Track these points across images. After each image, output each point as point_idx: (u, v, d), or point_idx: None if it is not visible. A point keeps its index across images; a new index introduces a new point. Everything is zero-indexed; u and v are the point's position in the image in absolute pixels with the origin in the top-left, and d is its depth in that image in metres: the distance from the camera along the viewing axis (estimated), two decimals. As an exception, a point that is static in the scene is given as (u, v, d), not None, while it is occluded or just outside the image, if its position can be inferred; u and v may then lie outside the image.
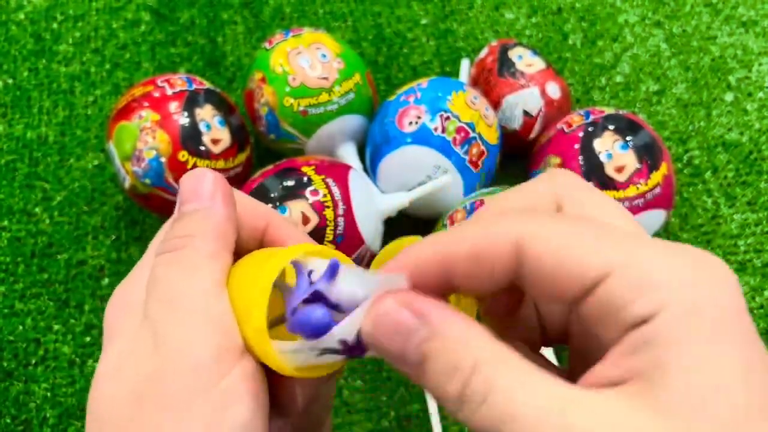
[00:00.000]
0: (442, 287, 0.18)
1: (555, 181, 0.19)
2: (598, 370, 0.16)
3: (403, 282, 0.17)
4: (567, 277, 0.16)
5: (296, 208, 0.35)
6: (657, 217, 0.37)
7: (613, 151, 0.37)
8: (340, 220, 0.35)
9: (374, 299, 0.17)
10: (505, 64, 0.43)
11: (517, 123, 0.42)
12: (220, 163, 0.39)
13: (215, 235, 0.19)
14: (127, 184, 0.39)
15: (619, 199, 0.36)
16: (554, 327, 0.21)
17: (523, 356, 0.16)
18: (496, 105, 0.42)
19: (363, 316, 0.17)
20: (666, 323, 0.14)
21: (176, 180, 0.38)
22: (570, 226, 0.16)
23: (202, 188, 0.20)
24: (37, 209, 0.44)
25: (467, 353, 0.15)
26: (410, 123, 0.38)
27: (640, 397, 0.14)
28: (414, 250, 0.18)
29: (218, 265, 0.19)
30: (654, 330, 0.14)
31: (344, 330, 0.17)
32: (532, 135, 0.42)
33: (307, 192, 0.35)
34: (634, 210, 0.36)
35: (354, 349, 0.17)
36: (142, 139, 0.37)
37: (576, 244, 0.16)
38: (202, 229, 0.19)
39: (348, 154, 0.42)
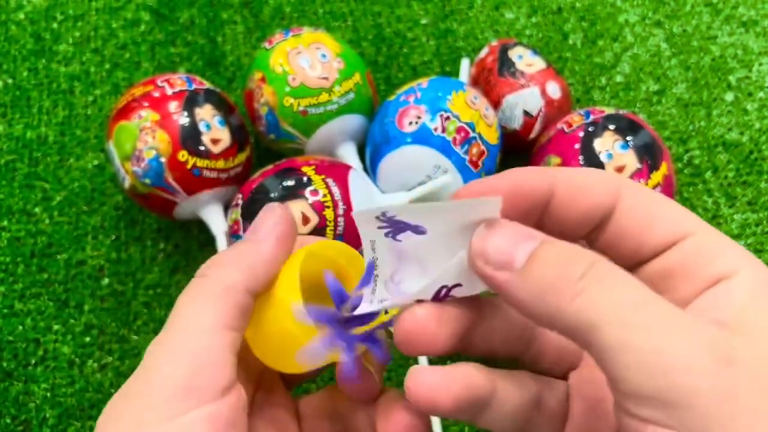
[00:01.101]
0: (537, 208, 0.19)
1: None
2: None
3: (498, 205, 0.17)
4: (657, 227, 0.18)
5: (296, 208, 0.35)
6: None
7: (614, 151, 0.37)
8: (340, 220, 0.35)
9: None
10: (505, 63, 0.43)
11: (517, 123, 0.42)
12: (220, 163, 0.39)
13: (244, 269, 0.19)
14: (126, 184, 0.38)
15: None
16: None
17: None
18: (496, 105, 0.42)
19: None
20: (743, 282, 0.17)
21: (176, 180, 0.38)
22: (658, 193, 0.19)
23: (264, 224, 0.20)
24: (36, 209, 0.44)
25: (583, 254, 0.17)
26: (410, 123, 0.38)
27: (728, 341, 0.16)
28: (521, 170, 0.19)
29: (228, 302, 0.19)
30: (734, 287, 0.17)
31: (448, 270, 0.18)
32: (532, 135, 0.42)
33: (307, 192, 0.35)
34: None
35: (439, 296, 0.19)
36: (142, 139, 0.37)
37: (666, 203, 0.18)
38: (237, 260, 0.19)
39: (348, 154, 0.42)
